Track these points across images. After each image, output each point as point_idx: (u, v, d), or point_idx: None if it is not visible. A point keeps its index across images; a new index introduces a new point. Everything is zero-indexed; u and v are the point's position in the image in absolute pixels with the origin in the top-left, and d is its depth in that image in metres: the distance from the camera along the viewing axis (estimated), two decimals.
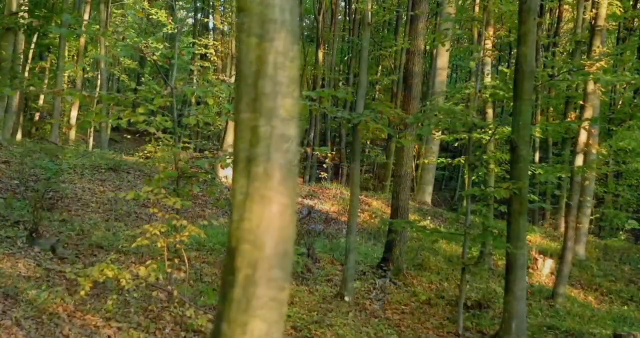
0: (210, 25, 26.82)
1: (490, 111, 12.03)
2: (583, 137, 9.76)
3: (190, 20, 30.09)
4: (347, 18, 29.94)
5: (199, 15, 29.19)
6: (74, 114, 19.80)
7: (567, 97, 16.35)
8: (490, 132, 9.38)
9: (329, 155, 16.74)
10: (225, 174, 14.44)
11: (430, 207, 17.30)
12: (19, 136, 19.16)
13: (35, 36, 21.08)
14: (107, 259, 5.91)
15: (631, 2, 20.19)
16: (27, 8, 15.28)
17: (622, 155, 17.51)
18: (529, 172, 10.77)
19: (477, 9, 15.34)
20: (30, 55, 21.97)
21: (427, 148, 17.29)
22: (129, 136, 24.30)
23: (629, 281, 12.09)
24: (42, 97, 23.55)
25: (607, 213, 18.79)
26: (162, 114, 6.33)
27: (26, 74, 20.33)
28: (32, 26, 12.10)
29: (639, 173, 17.35)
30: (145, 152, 6.56)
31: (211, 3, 26.36)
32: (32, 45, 21.73)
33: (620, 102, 19.49)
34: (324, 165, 21.16)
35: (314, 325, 6.84)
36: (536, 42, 20.81)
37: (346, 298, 8.11)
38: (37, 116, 25.01)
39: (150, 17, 21.00)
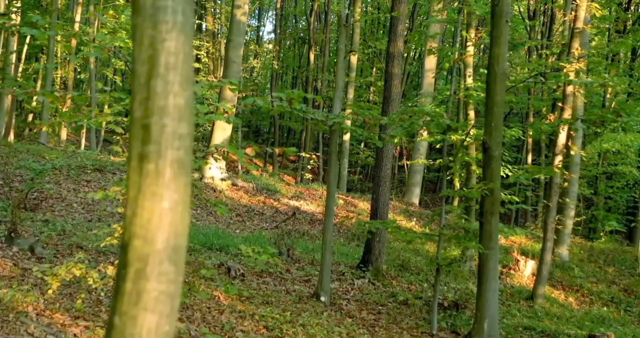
0: (203, 27, 26.91)
1: (472, 113, 12.06)
2: (562, 138, 9.80)
3: None
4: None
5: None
6: None
7: (554, 99, 16.42)
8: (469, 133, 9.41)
9: (314, 157, 16.84)
10: (212, 175, 14.46)
11: (418, 208, 17.32)
12: (11, 137, 19.20)
13: (28, 37, 21.13)
14: (75, 258, 5.94)
15: (624, 6, 20.25)
16: (15, 9, 15.33)
17: (612, 158, 17.57)
18: (510, 173, 10.82)
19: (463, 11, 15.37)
20: (23, 56, 22.03)
21: (415, 150, 17.31)
22: (119, 138, 24.26)
23: (611, 282, 12.11)
24: (35, 98, 23.57)
25: (597, 215, 18.82)
26: None
27: (19, 75, 20.38)
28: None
29: (627, 176, 17.36)
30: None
31: (204, 5, 26.46)
32: (25, 47, 21.78)
33: (612, 105, 19.51)
34: (309, 166, 21.23)
35: (286, 325, 6.87)
36: (528, 44, 20.91)
37: (322, 299, 8.14)
38: (30, 117, 25.06)
39: None
